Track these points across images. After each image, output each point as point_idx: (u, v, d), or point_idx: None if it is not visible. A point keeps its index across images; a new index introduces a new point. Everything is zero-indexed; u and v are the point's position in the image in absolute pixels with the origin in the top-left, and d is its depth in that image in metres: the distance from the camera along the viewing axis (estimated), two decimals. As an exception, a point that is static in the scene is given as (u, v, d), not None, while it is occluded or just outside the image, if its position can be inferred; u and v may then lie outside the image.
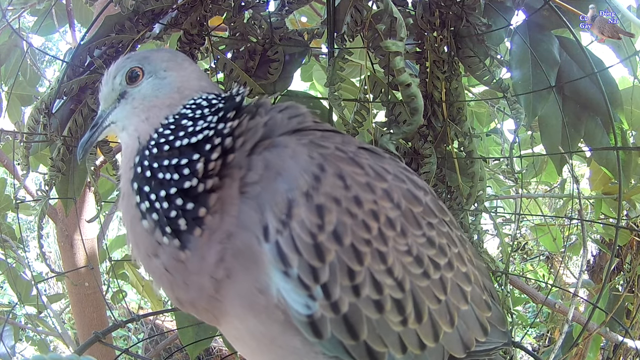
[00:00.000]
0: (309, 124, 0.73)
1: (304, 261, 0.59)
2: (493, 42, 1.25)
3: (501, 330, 0.82)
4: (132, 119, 0.74)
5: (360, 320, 0.61)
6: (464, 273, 0.74)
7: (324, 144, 0.67)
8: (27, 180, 2.10)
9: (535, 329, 3.83)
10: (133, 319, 1.44)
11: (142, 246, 0.69)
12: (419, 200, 0.70)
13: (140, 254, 0.70)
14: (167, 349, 2.92)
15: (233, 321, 0.67)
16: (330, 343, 0.61)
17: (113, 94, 0.77)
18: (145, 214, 0.67)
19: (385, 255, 0.63)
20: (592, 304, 1.35)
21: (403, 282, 0.64)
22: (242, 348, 0.73)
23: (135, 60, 0.76)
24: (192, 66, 0.79)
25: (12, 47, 2.02)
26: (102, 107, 0.79)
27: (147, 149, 0.69)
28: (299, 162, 0.63)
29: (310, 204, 0.60)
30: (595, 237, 2.56)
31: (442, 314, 0.69)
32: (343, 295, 0.60)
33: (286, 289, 0.60)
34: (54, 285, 4.65)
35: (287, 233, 0.60)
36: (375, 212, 0.63)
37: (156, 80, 0.75)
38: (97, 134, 0.78)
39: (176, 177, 0.65)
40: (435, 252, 0.69)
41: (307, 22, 2.30)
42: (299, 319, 0.60)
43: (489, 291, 0.83)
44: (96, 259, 2.36)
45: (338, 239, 0.60)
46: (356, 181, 0.64)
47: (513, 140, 1.26)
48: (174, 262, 0.65)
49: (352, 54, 1.26)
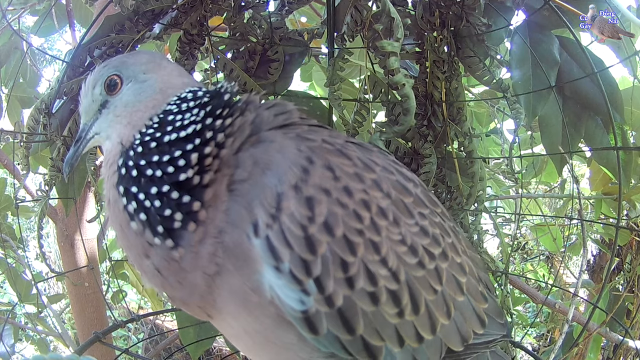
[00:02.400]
0: (295, 120, 0.72)
1: (295, 255, 0.58)
2: (493, 42, 1.25)
3: (499, 322, 0.81)
4: (115, 126, 0.72)
5: (356, 314, 0.60)
6: (458, 264, 0.74)
7: (310, 137, 0.67)
8: (27, 181, 2.10)
9: (535, 329, 3.83)
10: (133, 319, 1.44)
11: (133, 248, 0.68)
12: (408, 191, 0.70)
13: (131, 256, 0.69)
14: (167, 349, 2.92)
15: (227, 318, 0.67)
16: (326, 339, 0.61)
17: (94, 105, 0.75)
18: (134, 215, 0.65)
19: (378, 245, 0.62)
20: (592, 304, 1.35)
21: (398, 272, 0.63)
22: (239, 345, 0.72)
23: (112, 67, 0.74)
24: (171, 64, 0.78)
25: (12, 48, 2.02)
26: (84, 120, 0.77)
27: (132, 149, 0.68)
28: (287, 155, 0.63)
29: (299, 196, 0.60)
30: (595, 237, 2.56)
31: (439, 305, 0.68)
32: (337, 288, 0.59)
33: (279, 284, 0.59)
34: (54, 285, 4.64)
35: (277, 227, 0.59)
36: (366, 202, 0.63)
37: (136, 84, 0.73)
38: (81, 148, 0.77)
39: (170, 170, 0.64)
40: (429, 241, 0.69)
41: (307, 22, 2.30)
42: (294, 315, 0.60)
43: (485, 283, 0.82)
44: (96, 259, 2.35)
45: (329, 230, 0.59)
46: (345, 172, 0.63)
47: (513, 140, 1.26)
48: (165, 263, 0.65)
49: (352, 54, 1.26)
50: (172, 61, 0.80)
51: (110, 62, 0.76)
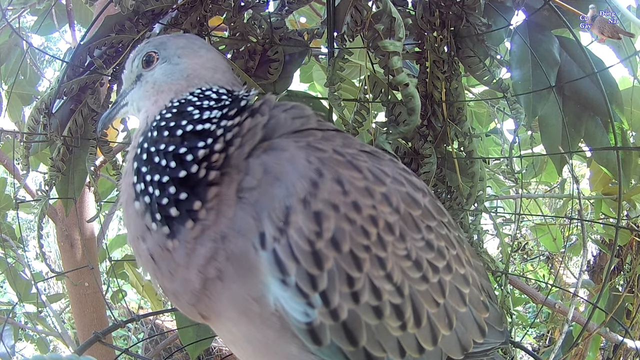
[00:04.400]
0: (312, 125, 0.72)
1: (302, 269, 0.58)
2: (493, 42, 1.25)
3: (498, 330, 0.82)
4: (144, 101, 0.76)
5: (360, 327, 0.61)
6: (462, 275, 0.74)
7: (321, 146, 0.66)
8: (27, 180, 2.10)
9: (535, 329, 3.83)
10: (133, 319, 1.44)
11: (132, 227, 0.69)
12: (417, 203, 0.70)
13: (129, 235, 0.70)
14: (167, 349, 2.92)
15: (227, 324, 0.67)
16: (329, 349, 0.61)
17: (132, 75, 0.80)
18: (139, 195, 0.67)
19: (384, 260, 0.62)
20: (592, 304, 1.35)
21: (402, 287, 0.64)
22: (237, 351, 0.72)
23: (152, 45, 0.79)
24: (210, 54, 0.79)
25: (12, 46, 2.02)
26: (124, 87, 0.83)
27: (150, 131, 0.70)
28: (297, 167, 0.62)
29: (307, 210, 0.59)
30: (595, 237, 2.56)
31: (441, 317, 0.68)
32: (342, 302, 0.59)
33: (284, 297, 0.59)
34: (54, 285, 4.65)
35: (285, 241, 0.59)
36: (374, 217, 0.63)
37: (169, 66, 0.76)
38: (115, 112, 0.83)
39: (172, 165, 0.65)
40: (434, 255, 0.69)
41: (307, 23, 2.30)
42: (298, 326, 0.60)
43: (487, 291, 0.83)
44: (96, 259, 2.36)
45: (336, 245, 0.59)
46: (355, 186, 0.63)
47: (513, 140, 1.26)
48: (159, 250, 0.65)
49: (352, 54, 1.26)
50: (213, 51, 0.80)
51: (153, 39, 0.82)
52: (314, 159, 0.63)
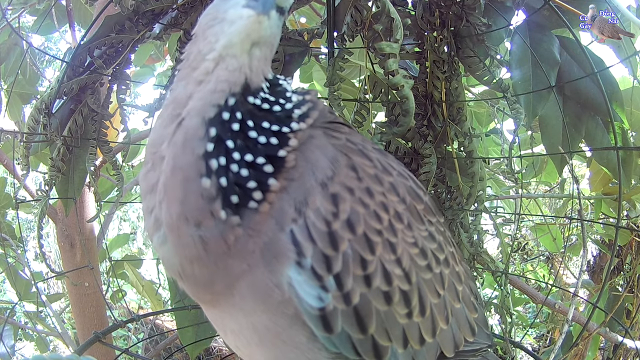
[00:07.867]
0: (327, 117, 0.71)
1: (318, 250, 0.58)
2: (493, 42, 1.25)
3: (486, 332, 0.84)
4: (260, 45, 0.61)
5: (370, 313, 0.61)
6: (457, 272, 0.76)
7: (336, 135, 0.67)
8: (27, 180, 2.10)
9: (535, 329, 3.83)
10: (133, 319, 1.44)
11: (181, 206, 0.56)
12: (420, 198, 0.71)
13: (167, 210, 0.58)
14: (167, 349, 2.92)
15: (237, 314, 0.64)
16: (338, 338, 0.61)
17: None
18: (212, 173, 0.56)
19: (395, 245, 0.63)
20: (592, 304, 1.35)
21: (410, 273, 0.65)
22: (238, 340, 0.70)
23: None
24: None
25: (12, 46, 2.02)
26: None
27: (253, 95, 0.60)
28: (327, 154, 0.63)
29: (325, 192, 0.60)
30: (595, 237, 2.56)
31: (441, 309, 0.70)
32: (355, 286, 0.59)
33: (299, 280, 0.58)
34: (54, 285, 4.65)
35: (302, 221, 0.58)
36: (385, 204, 0.64)
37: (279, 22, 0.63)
38: None
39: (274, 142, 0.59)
40: (436, 246, 0.71)
41: (307, 23, 2.30)
42: (311, 312, 0.59)
43: (475, 293, 0.85)
44: (96, 259, 2.36)
45: (352, 227, 0.60)
46: (367, 173, 0.64)
47: (513, 140, 1.26)
48: (219, 241, 0.57)
49: (352, 54, 1.26)
50: None
51: None
52: (332, 145, 0.64)
